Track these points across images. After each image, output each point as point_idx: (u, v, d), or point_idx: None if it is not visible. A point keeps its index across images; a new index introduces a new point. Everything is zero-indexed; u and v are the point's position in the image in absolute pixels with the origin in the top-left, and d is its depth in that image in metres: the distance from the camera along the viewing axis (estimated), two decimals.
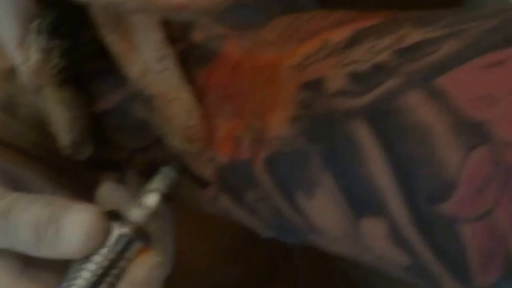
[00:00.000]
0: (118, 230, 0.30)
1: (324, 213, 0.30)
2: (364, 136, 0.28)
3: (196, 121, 0.33)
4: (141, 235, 0.31)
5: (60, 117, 0.34)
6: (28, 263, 0.31)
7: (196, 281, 0.49)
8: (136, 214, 0.32)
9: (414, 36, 0.29)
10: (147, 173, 0.34)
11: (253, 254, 0.52)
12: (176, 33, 0.35)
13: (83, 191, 0.35)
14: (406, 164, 0.27)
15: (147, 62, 0.31)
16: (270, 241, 0.36)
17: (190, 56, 0.35)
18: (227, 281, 0.51)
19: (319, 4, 0.40)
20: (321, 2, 0.39)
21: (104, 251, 0.30)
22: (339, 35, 0.32)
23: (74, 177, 0.37)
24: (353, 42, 0.31)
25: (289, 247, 0.53)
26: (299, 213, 0.31)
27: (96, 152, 0.36)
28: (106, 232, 0.30)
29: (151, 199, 0.32)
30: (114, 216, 0.31)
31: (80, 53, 0.34)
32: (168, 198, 0.34)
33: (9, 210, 0.30)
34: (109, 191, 0.33)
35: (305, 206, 0.31)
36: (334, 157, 0.29)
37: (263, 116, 0.32)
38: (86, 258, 0.30)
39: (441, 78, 0.27)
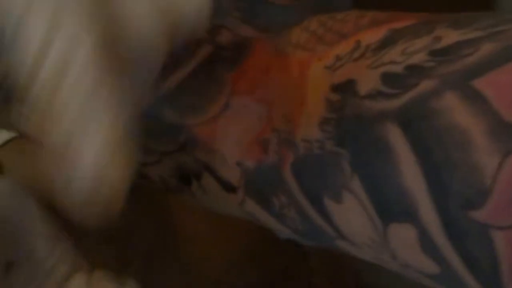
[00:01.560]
0: None
1: (351, 219, 0.30)
2: (397, 139, 0.27)
3: None
4: None
5: None
6: None
7: (212, 281, 0.49)
8: None
9: (450, 37, 0.28)
10: (175, 177, 0.34)
11: (269, 255, 0.52)
12: (202, 35, 0.35)
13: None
14: (439, 168, 0.26)
15: None
16: (286, 242, 0.36)
17: (218, 58, 0.35)
18: (243, 282, 0.51)
19: (353, 3, 0.39)
20: (356, 2, 0.39)
21: None
22: (372, 36, 0.31)
23: None
24: (386, 43, 0.30)
25: (304, 249, 0.53)
26: (327, 219, 0.31)
27: None
28: None
29: None
30: None
31: None
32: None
33: None
34: None
35: (333, 211, 0.30)
36: (363, 161, 0.28)
37: (292, 118, 0.32)
38: None
39: (478, 81, 0.26)
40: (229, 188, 0.34)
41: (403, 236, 0.28)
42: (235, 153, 0.34)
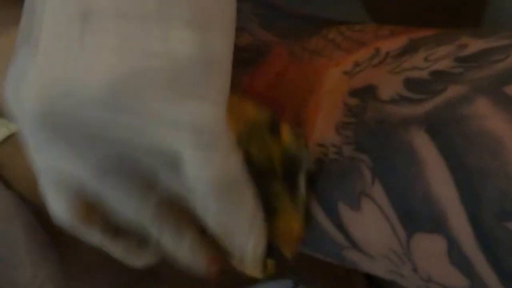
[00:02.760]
0: None
1: (369, 227, 0.28)
2: (423, 145, 0.26)
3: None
4: None
5: None
6: None
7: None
8: None
9: (475, 45, 0.28)
10: None
11: None
12: None
13: None
14: (472, 176, 0.25)
15: None
16: None
17: (236, 59, 0.33)
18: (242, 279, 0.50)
19: (371, 18, 0.39)
20: (372, 16, 0.38)
21: None
22: (392, 44, 0.30)
23: None
24: (407, 50, 0.30)
25: None
26: (339, 226, 0.29)
27: None
28: None
29: None
30: None
31: None
32: None
33: None
34: None
35: (347, 218, 0.29)
36: (385, 166, 0.27)
37: (305, 122, 0.31)
38: None
39: (510, 87, 0.25)
40: None
41: (429, 247, 0.26)
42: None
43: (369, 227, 0.28)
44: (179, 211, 0.29)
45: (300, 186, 0.30)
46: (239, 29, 0.35)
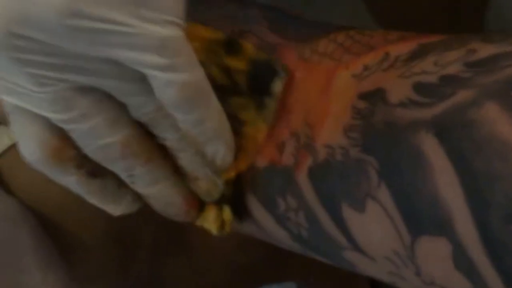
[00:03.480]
0: None
1: (373, 229, 0.28)
2: (432, 148, 0.26)
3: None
4: None
5: None
6: None
7: (221, 261, 0.49)
8: None
9: (485, 50, 0.28)
10: None
11: None
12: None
13: None
14: (479, 180, 0.25)
15: None
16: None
17: None
18: (248, 262, 0.51)
19: (374, 21, 0.39)
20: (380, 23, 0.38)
21: None
22: (401, 49, 0.31)
23: None
24: (416, 55, 0.30)
25: None
26: (341, 227, 0.29)
27: None
28: None
29: None
30: None
31: None
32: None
33: None
34: None
35: (351, 219, 0.29)
36: (392, 169, 0.27)
37: (313, 123, 0.31)
38: None
39: None
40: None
41: (434, 250, 0.26)
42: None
43: (373, 229, 0.28)
44: (151, 149, 0.32)
45: (275, 92, 0.32)
46: (247, 32, 0.35)
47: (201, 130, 0.31)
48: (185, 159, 0.32)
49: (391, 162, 0.27)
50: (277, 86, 0.33)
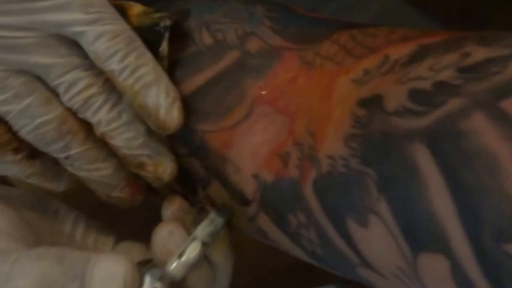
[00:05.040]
0: (150, 285, 0.29)
1: (377, 245, 0.28)
2: (425, 160, 0.25)
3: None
4: None
5: None
6: None
7: (250, 265, 0.47)
8: (174, 266, 0.30)
9: (478, 54, 0.27)
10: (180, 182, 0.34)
11: None
12: (232, 41, 0.35)
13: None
14: (470, 194, 0.24)
15: None
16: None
17: (246, 65, 0.34)
18: (278, 267, 0.50)
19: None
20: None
21: None
22: (401, 51, 0.30)
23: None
24: (415, 58, 0.29)
25: None
26: (350, 243, 0.29)
27: None
28: (138, 286, 0.29)
29: (192, 250, 0.31)
30: (149, 266, 0.30)
31: None
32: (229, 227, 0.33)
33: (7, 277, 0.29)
34: (165, 236, 0.32)
35: (356, 235, 0.28)
36: (390, 182, 0.27)
37: (315, 132, 0.30)
38: None
39: (506, 102, 0.24)
40: (241, 200, 0.33)
41: (434, 267, 0.26)
42: (251, 165, 0.32)
43: (377, 245, 0.28)
44: (88, 129, 0.33)
45: (163, 55, 0.34)
46: (250, 34, 0.35)
47: (138, 75, 0.32)
48: (121, 141, 0.33)
49: (389, 175, 0.27)
50: (164, 49, 0.34)
